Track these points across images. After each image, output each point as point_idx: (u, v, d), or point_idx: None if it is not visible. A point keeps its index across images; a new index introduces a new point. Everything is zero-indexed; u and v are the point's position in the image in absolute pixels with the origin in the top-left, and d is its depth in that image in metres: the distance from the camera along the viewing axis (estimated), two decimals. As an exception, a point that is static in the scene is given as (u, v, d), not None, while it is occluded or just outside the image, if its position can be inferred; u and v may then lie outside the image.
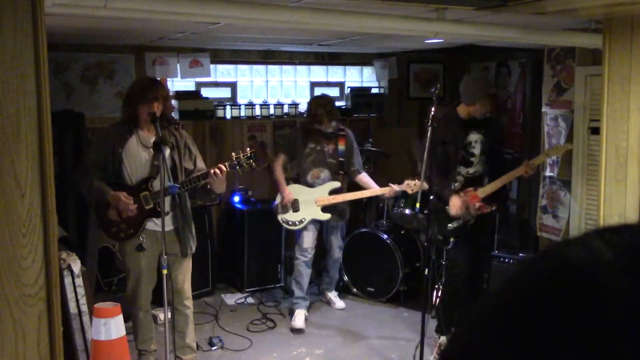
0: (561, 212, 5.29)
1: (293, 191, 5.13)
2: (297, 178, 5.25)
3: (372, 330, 5.06)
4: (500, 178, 4.46)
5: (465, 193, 4.39)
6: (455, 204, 4.31)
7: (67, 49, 5.57)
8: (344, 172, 5.21)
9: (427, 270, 4.02)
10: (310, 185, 5.14)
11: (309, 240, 5.16)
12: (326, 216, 5.14)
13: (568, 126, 5.16)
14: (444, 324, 4.53)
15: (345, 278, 5.76)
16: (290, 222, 5.15)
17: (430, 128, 3.93)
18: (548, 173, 5.38)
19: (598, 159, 3.93)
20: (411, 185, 4.92)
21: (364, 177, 5.27)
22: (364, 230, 5.70)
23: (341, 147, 5.18)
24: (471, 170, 4.53)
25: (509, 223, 6.22)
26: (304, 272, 5.18)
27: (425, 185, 4.26)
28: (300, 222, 5.12)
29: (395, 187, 5.04)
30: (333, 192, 5.14)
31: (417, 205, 4.29)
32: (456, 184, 4.41)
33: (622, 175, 3.68)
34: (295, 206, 5.11)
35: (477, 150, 4.52)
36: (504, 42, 5.27)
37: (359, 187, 5.28)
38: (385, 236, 5.49)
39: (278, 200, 5.17)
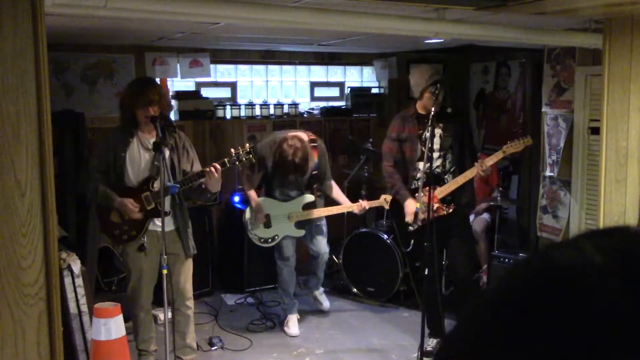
0: (561, 212, 5.29)
1: (265, 205, 4.91)
2: (266, 186, 4.96)
3: (372, 330, 5.06)
4: (455, 179, 4.35)
5: (424, 192, 4.31)
6: (409, 211, 4.26)
7: (67, 49, 5.57)
8: (318, 185, 4.97)
9: (427, 270, 4.02)
10: (280, 201, 4.93)
11: (289, 249, 4.99)
12: (300, 232, 4.94)
13: (568, 126, 5.16)
14: (427, 327, 4.38)
15: (345, 278, 5.75)
16: (262, 239, 4.94)
17: (430, 128, 3.94)
18: (548, 173, 5.38)
19: (598, 159, 3.93)
20: (388, 200, 4.72)
21: (336, 193, 5.08)
22: (364, 230, 5.70)
23: (314, 160, 4.82)
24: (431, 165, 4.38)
25: (507, 223, 6.22)
26: (290, 280, 5.08)
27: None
28: (273, 239, 4.93)
29: (364, 204, 4.88)
30: (306, 206, 4.93)
31: (418, 205, 4.29)
32: (417, 182, 4.26)
33: (622, 175, 3.68)
34: (267, 222, 4.90)
35: (436, 145, 4.39)
36: (504, 42, 5.27)
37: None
38: (385, 236, 5.49)
39: (248, 215, 4.96)
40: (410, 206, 4.34)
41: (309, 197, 4.93)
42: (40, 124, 2.28)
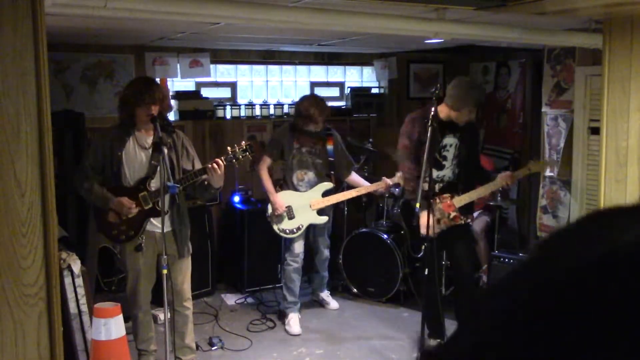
0: (561, 212, 5.29)
1: (285, 198, 4.98)
2: (284, 179, 5.11)
3: (372, 330, 5.06)
4: (477, 189, 4.34)
5: (441, 199, 4.29)
6: (424, 222, 4.08)
7: (67, 49, 5.57)
8: (334, 172, 5.12)
9: (427, 270, 4.02)
10: (295, 188, 5.03)
11: (299, 245, 5.07)
12: (324, 219, 5.04)
13: (568, 126, 5.16)
14: (427, 327, 4.37)
15: (345, 278, 5.75)
16: (287, 231, 4.99)
17: (430, 128, 3.92)
18: (548, 173, 5.38)
19: (598, 159, 3.93)
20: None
21: (354, 177, 5.23)
22: (364, 230, 5.70)
23: (329, 147, 5.06)
24: (441, 173, 4.41)
25: (507, 223, 6.22)
26: (296, 278, 5.11)
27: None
28: (298, 229, 4.99)
29: (389, 181, 5.01)
30: (325, 193, 5.05)
31: (417, 205, 4.28)
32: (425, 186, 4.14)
33: (622, 175, 3.68)
34: (290, 213, 4.97)
35: (450, 154, 4.41)
36: (504, 42, 5.27)
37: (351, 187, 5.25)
38: (385, 236, 5.49)
39: (270, 210, 5.00)
40: (425, 218, 4.14)
41: (328, 185, 5.05)
42: (40, 124, 2.28)
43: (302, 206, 4.98)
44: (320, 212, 5.04)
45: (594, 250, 0.47)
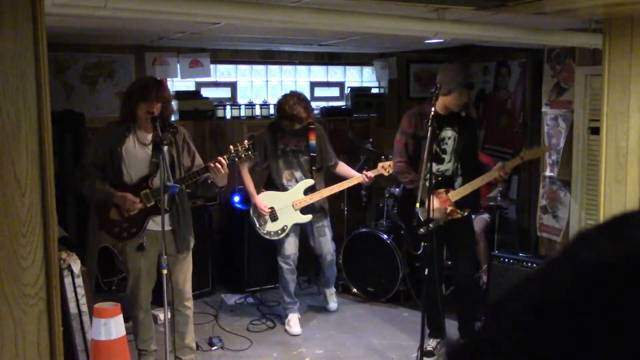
0: (561, 212, 5.29)
1: (266, 199, 4.94)
2: (268, 180, 5.04)
3: (372, 330, 5.06)
4: (471, 182, 4.33)
5: (436, 194, 4.28)
6: (438, 206, 4.13)
7: (67, 49, 5.57)
8: (320, 167, 5.04)
9: (427, 270, 4.02)
10: (285, 188, 4.96)
11: (290, 247, 5.01)
12: (307, 218, 4.96)
13: (568, 126, 5.16)
14: (427, 327, 4.35)
15: (345, 278, 5.75)
16: (272, 233, 4.96)
17: (430, 128, 3.92)
18: (548, 173, 5.38)
19: (598, 159, 3.93)
20: (385, 167, 4.88)
21: (342, 167, 5.17)
22: (364, 230, 5.70)
23: (312, 141, 4.97)
24: (442, 167, 4.38)
25: (507, 223, 6.22)
26: (290, 279, 5.09)
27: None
28: (283, 230, 4.95)
29: (369, 173, 4.98)
30: (307, 190, 4.97)
31: (417, 205, 4.28)
32: (426, 182, 4.13)
33: (622, 175, 3.68)
34: (273, 215, 4.93)
35: (449, 147, 4.39)
36: (504, 42, 5.27)
37: (337, 179, 5.14)
38: (385, 236, 5.49)
39: (253, 213, 4.99)
40: (436, 201, 4.20)
41: (308, 182, 4.96)
42: (40, 124, 2.28)
43: (284, 207, 4.93)
44: (304, 210, 4.97)
45: (596, 256, 0.48)
